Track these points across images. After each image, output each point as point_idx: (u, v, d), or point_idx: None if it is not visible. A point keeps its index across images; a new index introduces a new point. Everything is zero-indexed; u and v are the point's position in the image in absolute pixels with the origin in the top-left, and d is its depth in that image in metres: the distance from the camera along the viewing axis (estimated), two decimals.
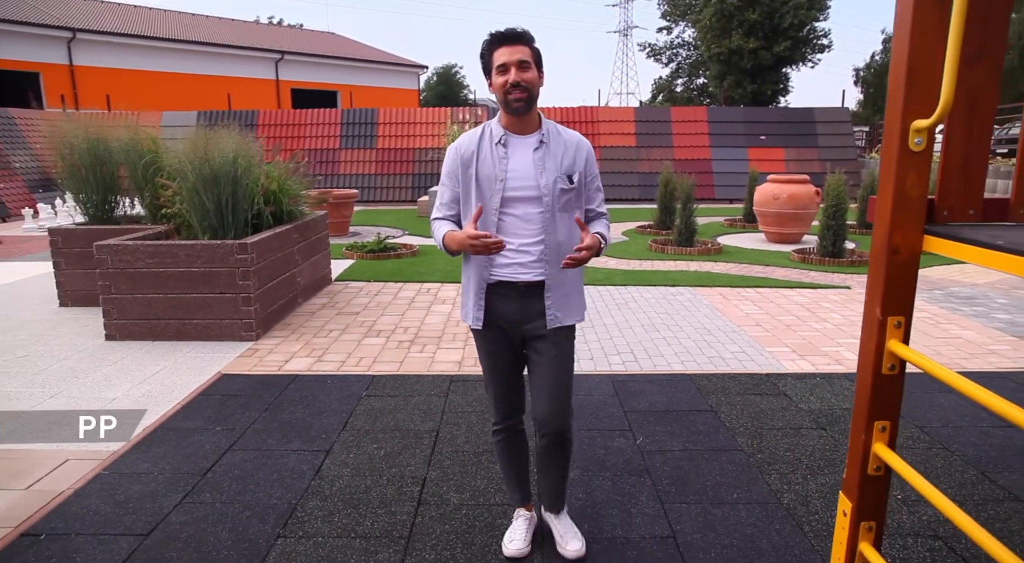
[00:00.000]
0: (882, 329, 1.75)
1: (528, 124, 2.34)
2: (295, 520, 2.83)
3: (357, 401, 4.11)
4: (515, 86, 2.23)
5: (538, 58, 2.31)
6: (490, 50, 2.28)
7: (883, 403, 1.80)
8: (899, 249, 1.71)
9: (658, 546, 2.63)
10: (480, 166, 2.33)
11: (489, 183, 2.32)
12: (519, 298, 2.37)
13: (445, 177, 2.43)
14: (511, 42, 2.25)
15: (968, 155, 1.69)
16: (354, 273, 7.99)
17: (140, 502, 2.98)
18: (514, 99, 2.24)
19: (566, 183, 2.33)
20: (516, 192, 2.31)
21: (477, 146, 2.35)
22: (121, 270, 5.31)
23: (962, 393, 1.49)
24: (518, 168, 2.31)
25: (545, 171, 2.31)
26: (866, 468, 1.84)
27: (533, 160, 2.32)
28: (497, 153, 2.33)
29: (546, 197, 2.31)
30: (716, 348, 5.13)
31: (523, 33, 2.28)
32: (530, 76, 2.25)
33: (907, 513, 2.85)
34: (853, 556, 1.90)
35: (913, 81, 1.62)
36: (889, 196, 1.70)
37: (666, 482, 3.12)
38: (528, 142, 2.34)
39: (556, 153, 2.34)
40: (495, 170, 2.31)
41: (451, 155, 2.40)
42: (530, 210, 2.32)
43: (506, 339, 2.45)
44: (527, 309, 2.38)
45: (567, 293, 2.41)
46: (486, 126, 2.40)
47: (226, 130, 5.69)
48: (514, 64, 2.23)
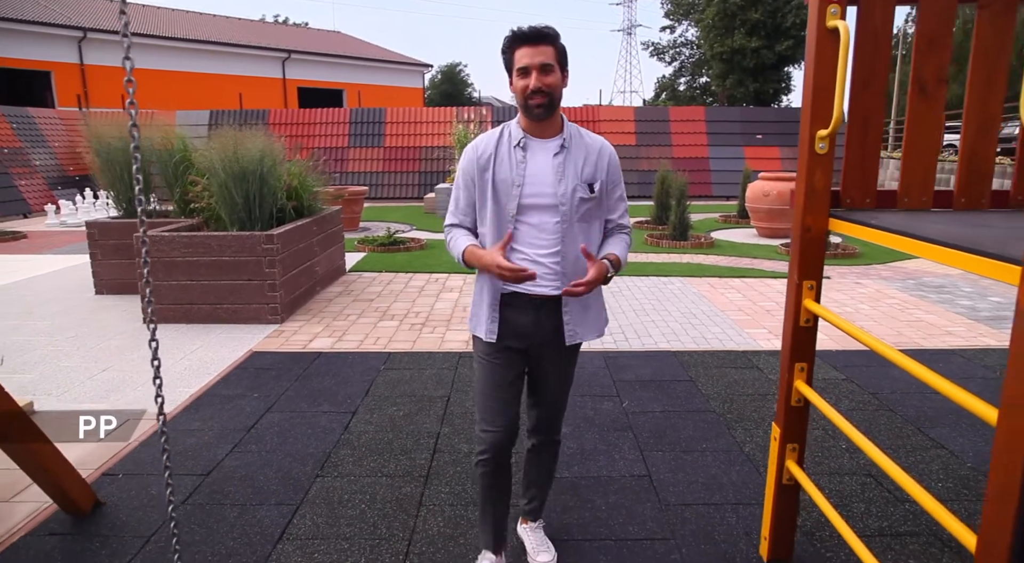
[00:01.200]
0: (799, 291, 2.27)
1: (549, 127, 2.21)
2: (330, 464, 3.35)
3: (376, 373, 4.63)
4: (536, 92, 2.10)
5: (562, 58, 2.16)
6: (511, 49, 2.14)
7: (801, 349, 2.32)
8: (810, 228, 2.22)
9: (636, 482, 3.15)
10: (497, 169, 2.20)
11: (506, 188, 2.18)
12: (534, 312, 2.24)
13: (460, 179, 2.30)
14: (534, 42, 2.10)
15: (864, 158, 2.21)
16: (366, 264, 8.52)
17: (197, 451, 3.51)
18: (535, 105, 2.11)
19: (586, 192, 2.19)
20: (532, 199, 2.16)
21: (495, 149, 2.21)
22: (158, 259, 5.83)
23: (866, 345, 2.01)
24: (536, 174, 2.18)
25: (564, 178, 2.17)
26: (790, 401, 2.36)
27: (553, 166, 2.18)
28: (515, 156, 2.19)
29: (563, 206, 2.17)
30: (699, 329, 5.64)
31: (547, 32, 2.12)
32: (552, 80, 2.11)
33: (847, 459, 3.36)
34: (782, 471, 2.42)
35: (816, 101, 2.13)
36: (802, 188, 2.21)
37: (646, 435, 3.64)
38: (548, 146, 2.20)
39: (577, 159, 2.20)
40: (512, 174, 2.17)
41: (468, 156, 2.27)
42: (546, 219, 2.18)
43: (514, 355, 2.30)
44: (541, 324, 2.26)
45: (586, 307, 2.30)
46: (505, 127, 2.27)
47: (252, 131, 6.20)
48: (535, 67, 2.09)
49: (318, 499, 3.03)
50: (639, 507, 2.94)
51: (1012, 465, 1.25)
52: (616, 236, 2.35)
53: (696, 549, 2.64)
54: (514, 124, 2.25)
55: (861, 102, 2.16)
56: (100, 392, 4.36)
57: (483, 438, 2.32)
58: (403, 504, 2.98)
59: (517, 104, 2.18)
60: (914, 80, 2.12)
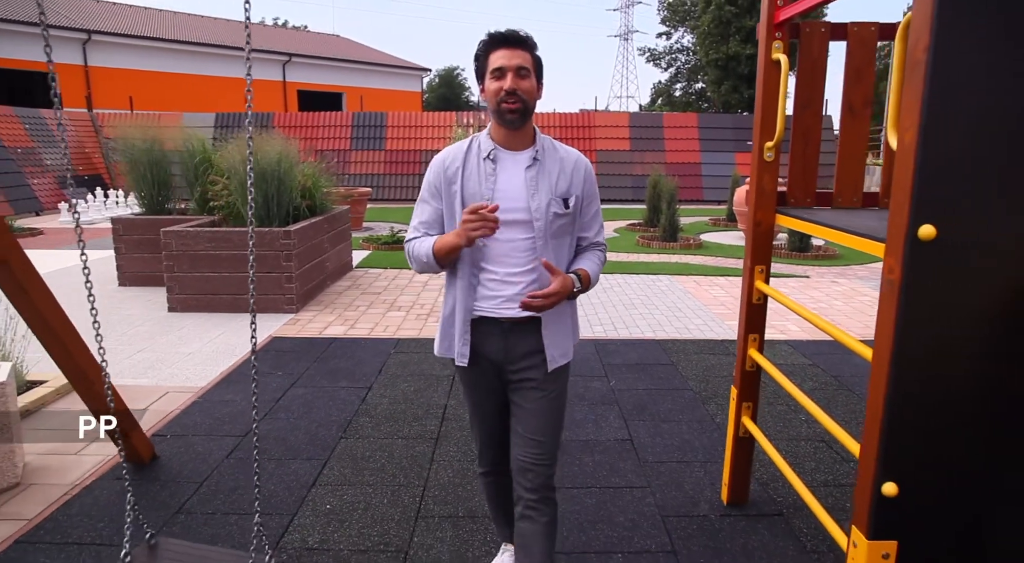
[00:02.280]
0: (752, 274, 2.76)
1: (521, 139, 2.09)
2: (351, 428, 3.82)
3: (387, 356, 5.10)
4: (510, 94, 1.98)
5: (539, 67, 2.07)
6: (487, 52, 2.03)
7: (754, 322, 2.81)
8: (760, 222, 2.71)
9: (619, 445, 3.62)
10: (465, 183, 2.07)
11: (474, 202, 2.03)
12: (502, 336, 2.11)
13: (427, 192, 2.16)
14: (511, 45, 2.00)
15: (805, 166, 2.69)
16: (371, 261, 8.98)
17: (232, 417, 3.97)
18: (507, 109, 1.99)
19: (560, 207, 2.07)
20: (503, 215, 2.00)
21: (463, 160, 2.09)
22: (183, 252, 6.29)
23: (797, 313, 2.48)
24: (507, 188, 2.05)
25: (537, 192, 2.05)
26: (745, 366, 2.84)
27: (524, 179, 2.06)
28: (484, 169, 2.07)
29: (537, 222, 2.04)
30: (683, 321, 6.12)
31: (525, 37, 2.04)
32: (527, 85, 2.00)
33: (805, 428, 3.85)
34: (739, 425, 2.90)
35: (764, 119, 2.62)
36: (754, 189, 2.70)
37: (629, 408, 4.11)
38: (520, 159, 2.08)
39: (551, 172, 2.08)
40: (481, 188, 2.05)
41: (435, 167, 2.14)
42: (518, 236, 2.05)
43: (489, 382, 2.18)
44: (512, 348, 2.11)
45: (561, 329, 2.16)
46: (475, 138, 2.15)
47: (269, 134, 6.68)
48: (511, 70, 1.98)
49: (343, 455, 3.50)
50: (621, 463, 3.42)
51: (877, 390, 1.72)
52: (590, 253, 2.24)
53: (667, 495, 3.12)
54: (484, 135, 2.13)
55: (802, 120, 2.65)
56: (139, 369, 4.82)
57: (480, 455, 2.35)
58: (417, 459, 3.45)
59: (489, 110, 2.05)
60: (844, 103, 2.60)
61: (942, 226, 1.59)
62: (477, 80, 2.09)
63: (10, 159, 14.79)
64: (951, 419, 1.71)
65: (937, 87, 1.54)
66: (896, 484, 1.74)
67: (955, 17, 1.51)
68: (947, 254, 1.61)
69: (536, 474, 2.12)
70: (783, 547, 2.72)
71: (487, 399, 2.22)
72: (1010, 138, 1.56)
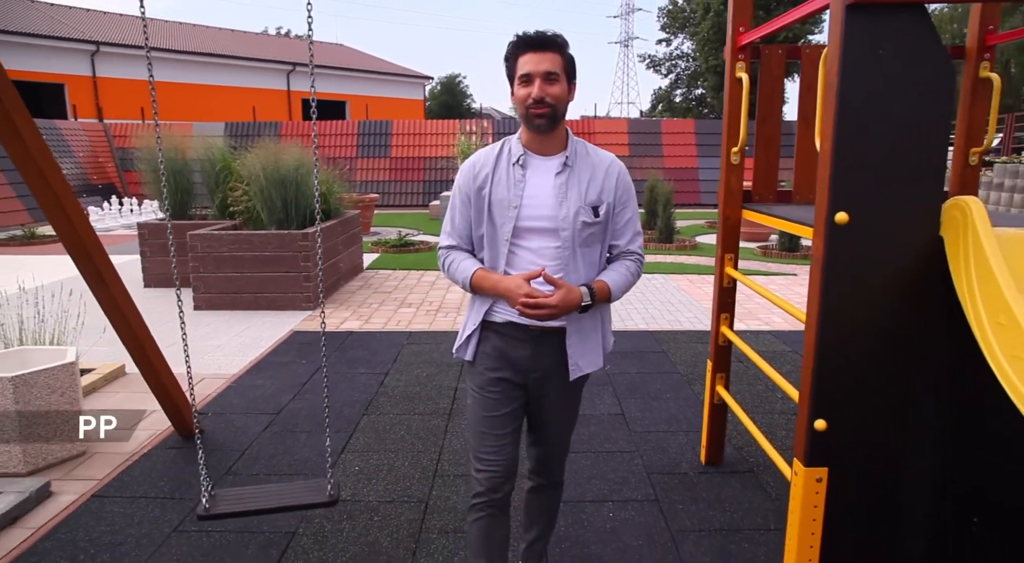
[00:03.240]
0: (723, 261, 3.20)
1: (552, 143, 2.05)
2: (372, 407, 4.26)
3: (401, 347, 5.54)
4: (538, 102, 1.94)
5: (570, 68, 2.01)
6: (515, 55, 1.99)
7: (725, 303, 3.25)
8: (729, 217, 3.15)
9: (612, 418, 4.06)
10: (494, 188, 2.04)
11: (502, 209, 2.02)
12: (532, 344, 2.08)
13: (457, 197, 2.13)
14: (539, 48, 1.95)
15: (767, 168, 3.14)
16: (381, 263, 9.44)
17: (265, 399, 4.41)
18: (536, 115, 1.96)
19: (590, 215, 2.02)
20: (530, 222, 2.01)
21: (493, 166, 2.06)
22: (208, 254, 6.75)
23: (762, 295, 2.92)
24: (536, 195, 2.02)
25: (567, 200, 2.01)
26: (718, 341, 3.28)
27: (554, 186, 2.02)
28: (514, 175, 2.03)
29: (564, 231, 2.00)
30: (675, 315, 6.56)
31: (554, 38, 1.98)
32: (557, 90, 1.96)
33: (780, 404, 4.28)
34: (714, 393, 3.33)
35: (730, 128, 3.07)
36: (723, 188, 3.14)
37: (622, 389, 4.55)
38: (550, 164, 2.05)
39: (582, 179, 2.04)
40: (509, 194, 2.02)
41: (465, 172, 2.11)
42: (545, 244, 2.02)
43: (511, 389, 2.13)
44: (540, 357, 2.09)
45: (585, 337, 2.12)
46: (506, 142, 2.11)
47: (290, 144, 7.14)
48: (539, 75, 1.94)
49: (367, 429, 3.93)
50: (614, 433, 3.85)
51: (809, 346, 2.16)
52: (618, 262, 2.15)
53: (653, 457, 3.55)
54: (515, 139, 2.09)
55: (764, 129, 3.10)
56: (175, 360, 5.24)
57: (478, 479, 2.15)
58: (433, 431, 3.89)
59: (518, 116, 2.02)
60: (800, 114, 3.05)
61: (853, 213, 2.04)
62: (509, 82, 2.04)
63: None
64: (865, 368, 2.15)
65: (845, 104, 1.99)
66: (825, 421, 2.18)
67: (857, 50, 1.96)
68: (858, 235, 2.05)
69: (550, 474, 2.31)
70: (751, 496, 3.15)
71: (506, 405, 2.13)
72: (902, 144, 2.00)
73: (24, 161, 2.81)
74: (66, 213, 3.02)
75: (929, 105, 2.00)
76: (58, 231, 3.05)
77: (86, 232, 3.15)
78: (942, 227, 2.06)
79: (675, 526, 2.91)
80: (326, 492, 2.59)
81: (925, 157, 2.03)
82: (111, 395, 4.49)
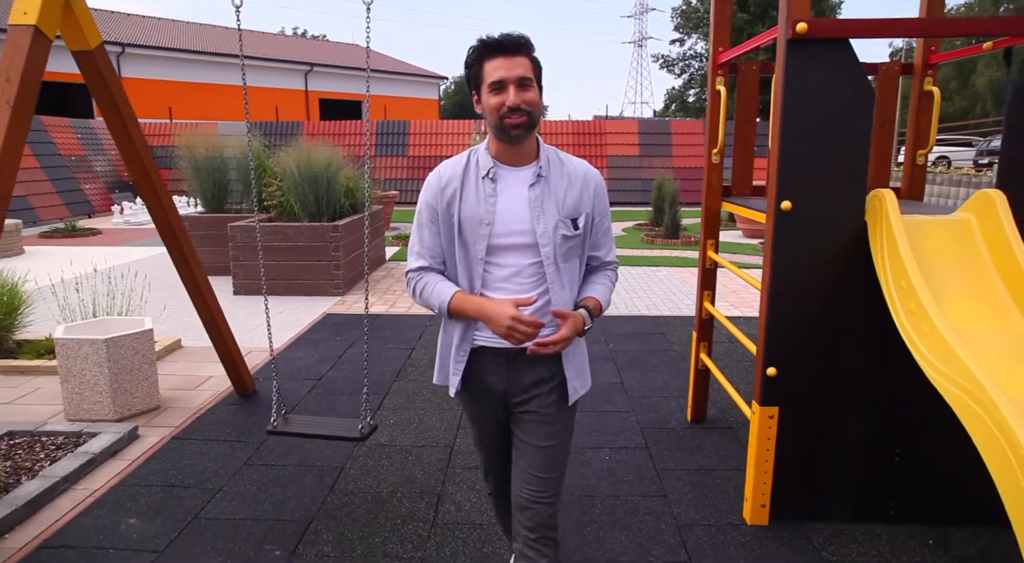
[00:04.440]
0: (705, 246, 3.75)
1: (523, 153, 1.91)
2: (402, 374, 4.85)
3: (424, 328, 6.13)
4: (514, 110, 1.80)
5: (538, 72, 1.87)
6: (480, 60, 1.84)
7: (707, 282, 3.81)
8: (710, 208, 3.71)
9: (612, 386, 4.62)
10: (463, 205, 1.90)
11: (473, 226, 1.89)
12: (506, 366, 1.95)
13: (425, 213, 1.97)
14: (509, 52, 1.81)
15: (743, 167, 3.69)
16: (401, 255, 10.04)
17: (306, 369, 5.01)
18: (512, 125, 1.81)
19: (569, 229, 1.90)
20: (505, 239, 1.88)
21: (461, 180, 1.91)
22: (247, 244, 7.37)
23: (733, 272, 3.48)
24: (509, 209, 1.88)
25: (544, 215, 1.88)
26: (701, 315, 3.84)
27: (528, 199, 1.89)
28: (484, 189, 1.89)
29: (545, 246, 1.88)
30: (676, 303, 7.11)
31: (522, 41, 1.84)
32: (532, 96, 1.82)
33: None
34: (698, 360, 3.89)
35: (711, 132, 3.62)
36: (705, 184, 3.70)
37: (623, 363, 5.11)
38: (522, 176, 1.91)
39: (558, 190, 1.91)
40: (480, 210, 1.88)
41: (432, 187, 1.95)
42: (523, 261, 1.89)
43: (493, 413, 2.05)
44: (517, 379, 1.96)
45: (581, 359, 2.05)
46: (473, 152, 1.96)
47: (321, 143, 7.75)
48: (513, 82, 1.80)
49: (398, 392, 4.52)
50: (613, 397, 4.42)
51: (762, 310, 2.71)
52: (600, 274, 2.07)
53: (646, 415, 4.11)
54: (482, 149, 1.94)
55: (741, 133, 3.65)
56: None
57: (487, 482, 2.29)
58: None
59: (489, 125, 1.87)
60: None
61: (796, 201, 2.60)
62: (471, 90, 1.90)
63: (65, 166, 16.05)
64: (808, 325, 2.71)
65: (788, 119, 2.55)
66: (776, 368, 2.74)
67: (798, 74, 2.52)
68: (800, 219, 2.61)
69: (535, 512, 1.97)
70: (727, 446, 3.71)
71: (491, 428, 2.10)
72: (833, 147, 2.56)
73: (132, 160, 3.41)
74: (162, 204, 3.62)
75: (854, 116, 2.56)
76: (155, 218, 3.67)
77: (175, 220, 3.75)
78: (866, 213, 2.62)
79: (660, 466, 3.47)
80: (358, 429, 3.15)
81: (852, 158, 2.59)
82: (172, 363, 5.11)
